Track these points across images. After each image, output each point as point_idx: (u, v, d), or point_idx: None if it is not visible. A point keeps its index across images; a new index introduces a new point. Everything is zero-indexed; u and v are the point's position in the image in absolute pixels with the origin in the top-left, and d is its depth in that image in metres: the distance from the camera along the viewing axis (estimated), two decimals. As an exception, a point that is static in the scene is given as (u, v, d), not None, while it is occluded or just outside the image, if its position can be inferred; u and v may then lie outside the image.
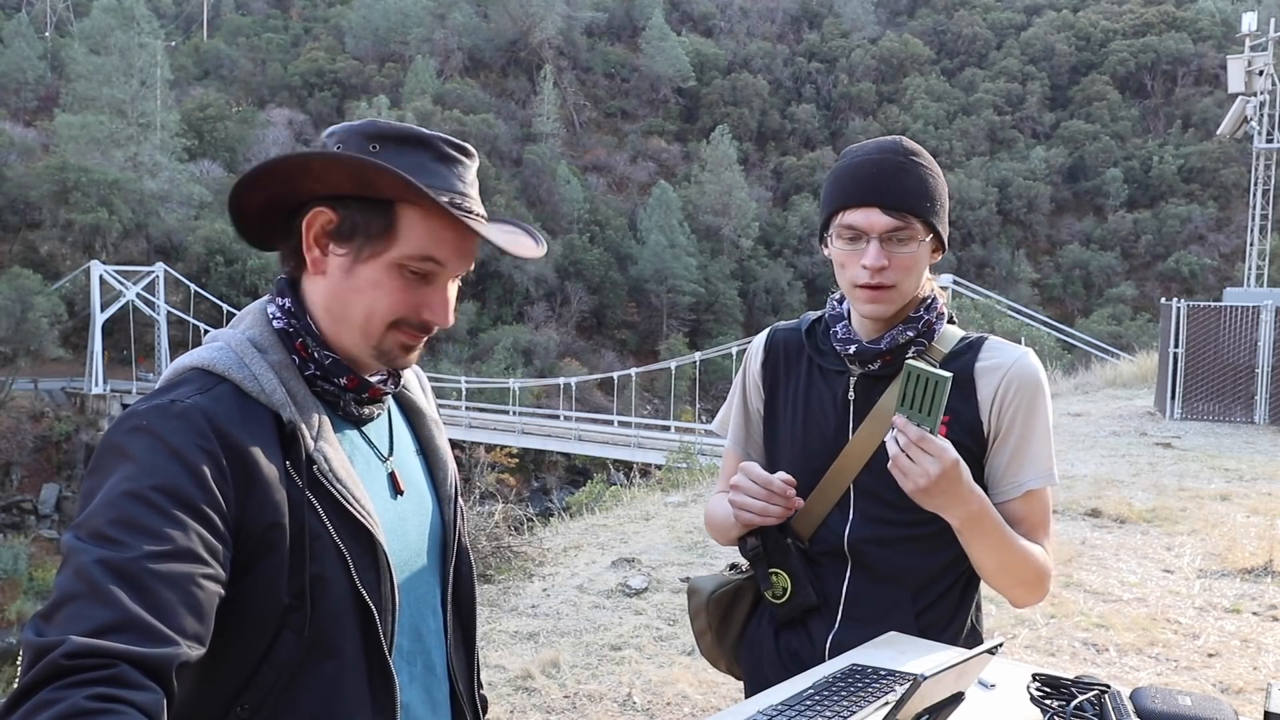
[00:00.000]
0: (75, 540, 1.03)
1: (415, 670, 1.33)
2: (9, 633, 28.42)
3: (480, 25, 73.22)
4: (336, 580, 1.19)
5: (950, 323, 1.72)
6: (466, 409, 37.83)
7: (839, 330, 1.70)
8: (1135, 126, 70.15)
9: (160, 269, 44.24)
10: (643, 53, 73.28)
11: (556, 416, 38.37)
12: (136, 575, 1.00)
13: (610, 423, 36.50)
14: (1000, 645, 1.34)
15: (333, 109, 63.74)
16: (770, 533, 1.70)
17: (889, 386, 1.65)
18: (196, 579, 1.04)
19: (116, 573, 0.99)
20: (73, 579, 0.99)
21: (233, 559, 1.11)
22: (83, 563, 1.00)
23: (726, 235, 61.83)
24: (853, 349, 1.67)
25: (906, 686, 1.17)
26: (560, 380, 41.07)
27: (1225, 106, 28.88)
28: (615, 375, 39.82)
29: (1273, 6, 53.95)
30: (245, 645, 1.15)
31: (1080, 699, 1.37)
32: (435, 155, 1.24)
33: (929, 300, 1.68)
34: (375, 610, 1.22)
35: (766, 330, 1.88)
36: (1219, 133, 26.17)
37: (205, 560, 1.06)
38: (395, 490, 1.34)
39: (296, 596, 1.16)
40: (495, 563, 5.97)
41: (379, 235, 1.22)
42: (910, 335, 1.65)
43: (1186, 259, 59.58)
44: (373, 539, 1.23)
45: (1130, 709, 1.34)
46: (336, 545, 1.19)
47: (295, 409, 1.21)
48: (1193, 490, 8.17)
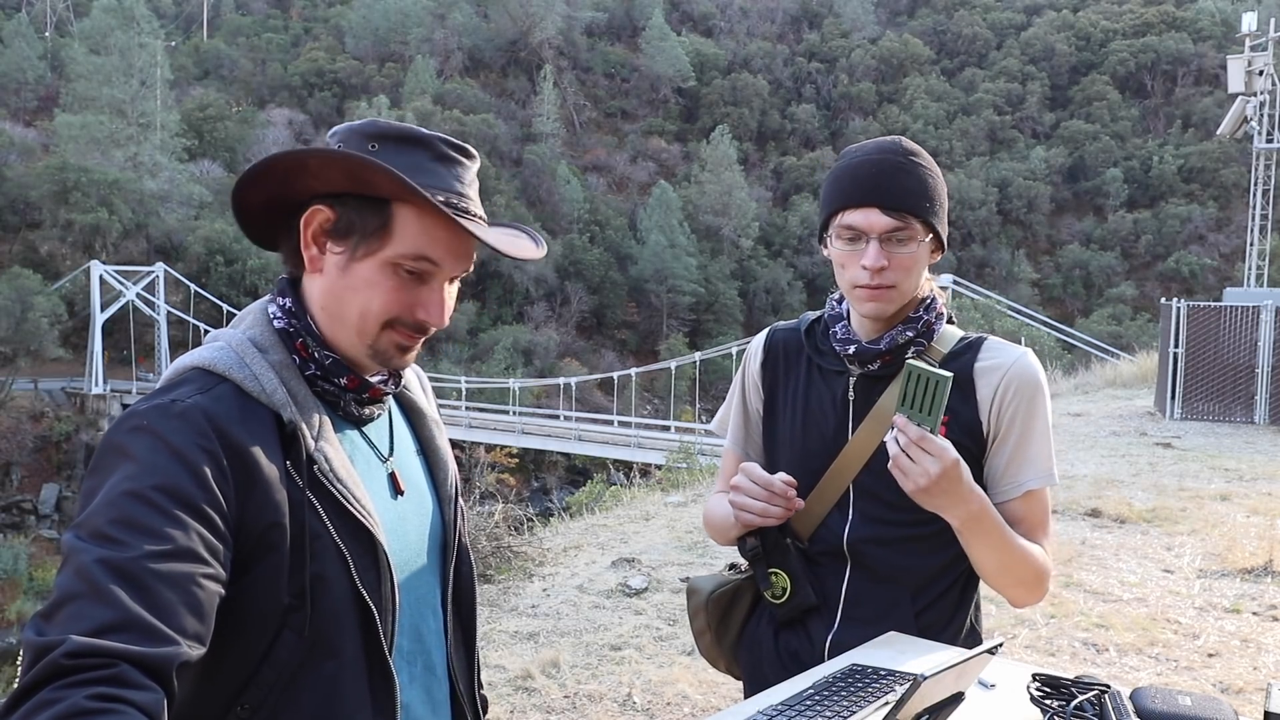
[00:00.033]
0: (76, 540, 1.03)
1: (415, 670, 1.33)
2: (9, 633, 28.41)
3: (480, 25, 73.21)
4: (337, 580, 1.19)
5: (950, 323, 1.72)
6: (466, 409, 37.82)
7: (838, 330, 1.70)
8: (1135, 126, 70.15)
9: (160, 269, 44.24)
10: (643, 53, 73.27)
11: (556, 416, 38.36)
12: (137, 575, 1.00)
13: (610, 423, 36.49)
14: (1000, 645, 1.34)
15: (333, 109, 63.75)
16: (769, 533, 1.70)
17: (888, 386, 1.65)
18: (197, 579, 1.04)
19: (117, 572, 0.99)
20: (73, 578, 0.99)
21: (233, 559, 1.11)
22: (83, 562, 1.00)
23: (726, 235, 61.82)
24: (852, 349, 1.67)
25: (906, 686, 1.17)
26: (560, 380, 41.08)
27: (1225, 106, 28.88)
28: (615, 375, 39.81)
29: (1273, 6, 53.93)
30: (245, 645, 1.15)
31: (1080, 699, 1.37)
32: (433, 155, 1.24)
33: (928, 300, 1.68)
34: (375, 610, 1.22)
35: (766, 330, 1.87)
36: (1219, 133, 26.16)
37: (206, 560, 1.06)
38: (395, 490, 1.34)
39: (297, 596, 1.16)
40: (495, 563, 5.97)
41: (374, 233, 1.22)
42: (910, 335, 1.65)
43: (1186, 259, 59.58)
44: (373, 539, 1.23)
45: (1130, 709, 1.34)
46: (337, 545, 1.19)
47: (296, 409, 1.21)
48: (1193, 490, 8.17)
